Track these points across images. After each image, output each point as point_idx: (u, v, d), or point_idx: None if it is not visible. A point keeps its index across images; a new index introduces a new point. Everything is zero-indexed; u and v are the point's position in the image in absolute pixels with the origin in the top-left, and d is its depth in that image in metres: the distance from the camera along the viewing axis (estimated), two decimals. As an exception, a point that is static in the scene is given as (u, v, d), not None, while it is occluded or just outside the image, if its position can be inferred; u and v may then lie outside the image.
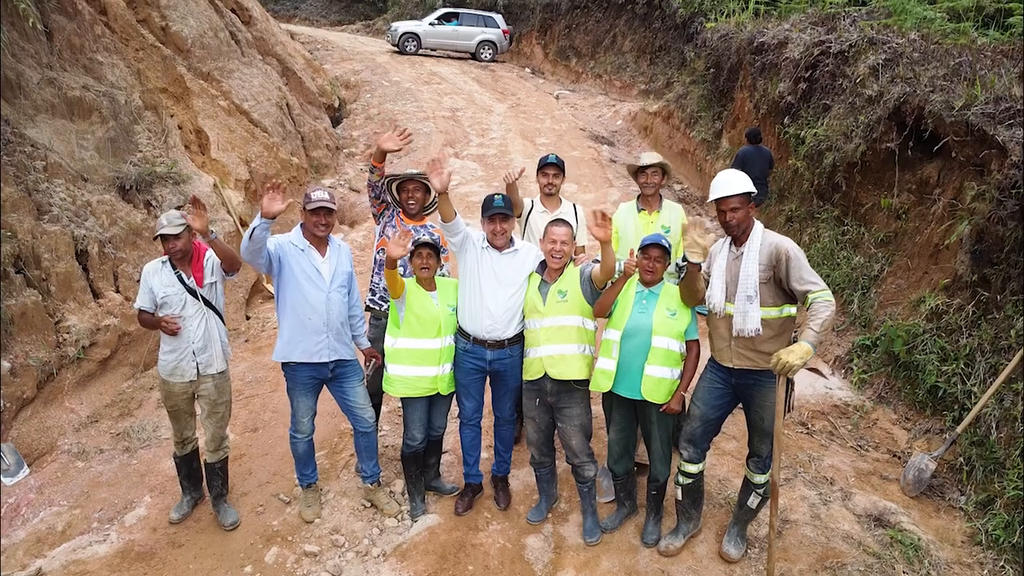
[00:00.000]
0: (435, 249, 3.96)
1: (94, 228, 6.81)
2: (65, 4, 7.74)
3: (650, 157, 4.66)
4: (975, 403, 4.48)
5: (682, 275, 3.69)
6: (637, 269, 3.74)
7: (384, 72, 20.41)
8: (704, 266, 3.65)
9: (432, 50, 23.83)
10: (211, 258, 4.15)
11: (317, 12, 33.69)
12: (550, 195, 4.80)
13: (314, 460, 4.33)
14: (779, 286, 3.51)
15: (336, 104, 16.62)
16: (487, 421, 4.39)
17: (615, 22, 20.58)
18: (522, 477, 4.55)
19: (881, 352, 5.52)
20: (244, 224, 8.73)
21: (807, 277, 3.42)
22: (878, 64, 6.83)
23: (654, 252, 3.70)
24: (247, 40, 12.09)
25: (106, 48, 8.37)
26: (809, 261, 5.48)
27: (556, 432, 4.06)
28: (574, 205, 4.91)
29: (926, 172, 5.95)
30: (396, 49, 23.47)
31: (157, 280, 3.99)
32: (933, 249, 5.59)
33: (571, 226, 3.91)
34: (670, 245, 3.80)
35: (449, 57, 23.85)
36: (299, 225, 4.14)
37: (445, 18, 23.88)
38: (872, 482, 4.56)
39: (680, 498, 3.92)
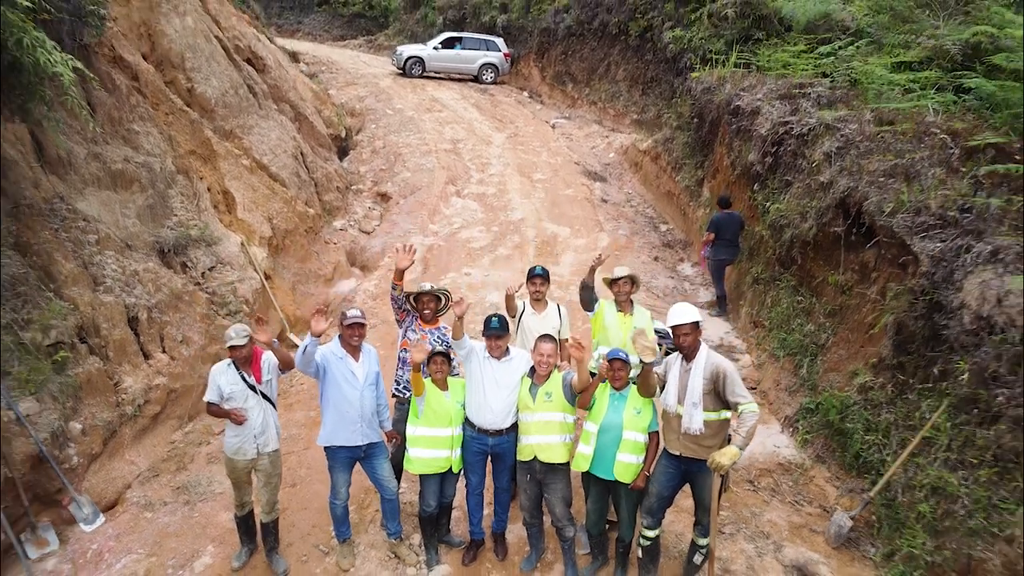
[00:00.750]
0: (447, 356, 4.96)
1: (142, 296, 7.76)
2: (105, 80, 8.59)
3: (621, 271, 5.64)
4: (887, 471, 5.49)
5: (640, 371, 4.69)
6: (608, 376, 4.75)
7: (388, 99, 21.34)
8: (660, 370, 4.67)
9: (436, 73, 24.74)
10: (268, 359, 5.13)
11: (320, 27, 34.58)
12: (538, 300, 5.78)
13: (348, 519, 5.34)
14: (718, 396, 4.51)
15: (343, 135, 17.54)
16: (488, 491, 5.41)
17: (609, 51, 21.43)
18: (516, 531, 5.56)
19: (821, 416, 6.53)
20: (268, 277, 9.71)
21: (739, 392, 4.42)
22: (832, 151, 7.81)
23: (617, 364, 4.71)
24: (263, 91, 13.03)
25: (140, 117, 9.28)
26: (769, 324, 6.64)
27: (543, 500, 5.06)
28: (558, 306, 5.89)
29: (865, 257, 6.95)
30: (401, 72, 24.40)
31: (224, 379, 4.98)
32: (868, 327, 6.59)
33: (555, 341, 4.92)
34: (627, 357, 4.79)
35: (450, 79, 24.77)
36: (338, 336, 5.09)
37: (448, 42, 24.77)
38: (803, 534, 5.58)
39: (641, 556, 4.95)
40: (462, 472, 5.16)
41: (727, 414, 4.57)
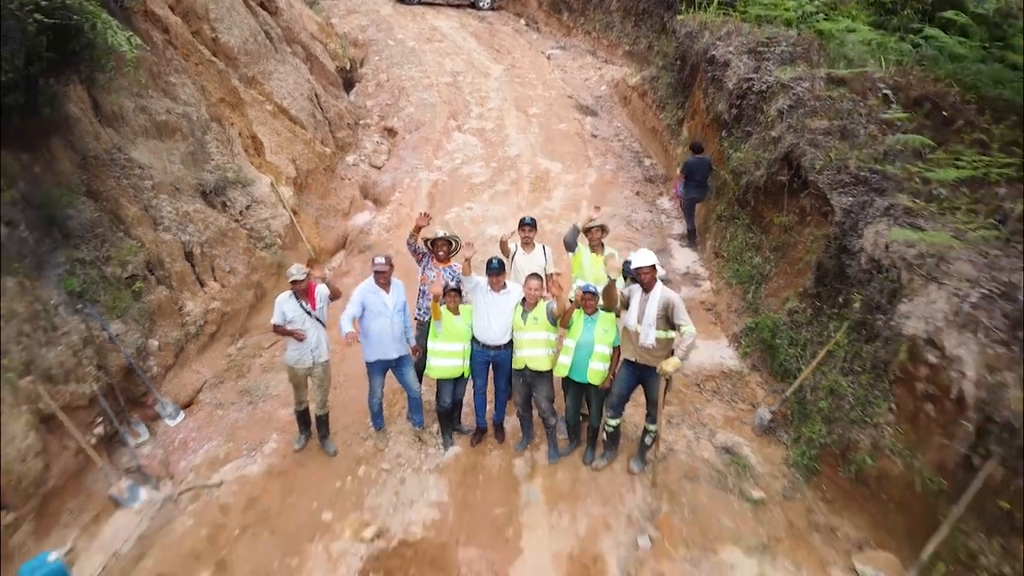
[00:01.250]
0: (458, 291, 6.43)
1: (194, 233, 9.14)
2: (145, 37, 9.66)
3: (596, 221, 7.03)
4: (800, 376, 7.07)
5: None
6: (581, 304, 6.24)
7: (389, 28, 22.01)
8: (625, 291, 6.15)
9: (433, 1, 25.17)
10: (321, 291, 6.59)
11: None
12: (527, 243, 7.19)
13: (382, 413, 6.93)
14: (667, 320, 5.99)
15: (347, 67, 18.42)
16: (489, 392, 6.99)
17: (603, -20, 21.98)
18: (512, 422, 7.17)
19: (759, 334, 8.06)
20: (295, 213, 11.04)
21: (683, 318, 5.90)
22: (784, 108, 9.05)
23: (588, 296, 6.19)
24: (278, 35, 13.97)
25: (176, 69, 10.40)
26: (727, 256, 8.14)
27: (532, 398, 6.64)
28: (544, 248, 7.31)
29: (803, 202, 8.32)
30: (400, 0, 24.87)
31: (287, 307, 6.45)
32: (799, 262, 8.04)
33: (541, 278, 6.38)
34: (596, 290, 6.26)
35: (448, 6, 25.22)
36: (372, 276, 6.49)
37: (445, -31, 25.12)
38: (734, 425, 7.20)
39: (605, 439, 6.58)
40: (470, 377, 6.71)
41: (673, 334, 6.07)
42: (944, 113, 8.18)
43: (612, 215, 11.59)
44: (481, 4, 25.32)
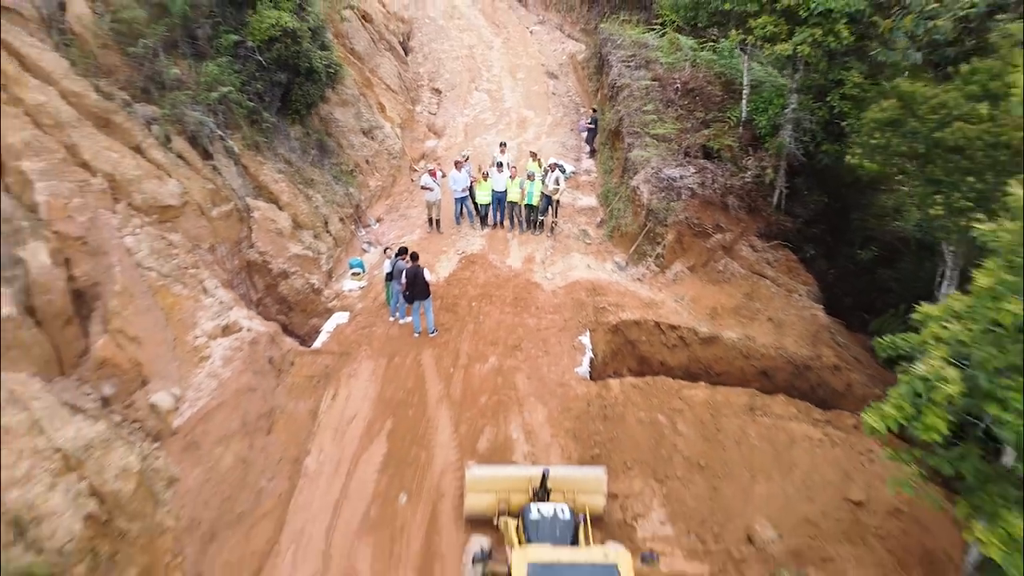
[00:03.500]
0: (485, 175, 18.38)
1: (367, 154, 21.04)
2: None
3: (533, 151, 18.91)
4: (614, 201, 19.11)
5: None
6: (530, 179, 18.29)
7: (422, 5, 32.91)
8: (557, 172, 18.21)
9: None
10: (435, 174, 18.58)
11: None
12: (503, 152, 19.09)
13: (460, 218, 18.99)
14: (556, 182, 17.99)
15: (401, 40, 29.62)
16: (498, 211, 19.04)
17: (569, -26, 32.71)
18: (507, 226, 19.27)
19: (604, 192, 20.00)
20: (400, 141, 22.74)
21: (561, 184, 17.91)
22: (625, 96, 20.69)
23: (531, 176, 18.19)
24: (376, 37, 25.28)
25: (346, 72, 22.06)
26: (600, 162, 20.69)
27: (515, 213, 18.63)
28: (508, 163, 19.25)
29: (625, 142, 20.12)
30: None
31: (426, 178, 18.37)
32: (619, 165, 19.91)
33: (515, 170, 18.44)
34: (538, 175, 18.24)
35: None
36: (454, 168, 18.43)
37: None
38: (588, 222, 19.29)
39: (538, 225, 18.72)
40: (491, 203, 18.68)
41: (558, 187, 18.04)
42: (701, 96, 19.85)
43: (557, 141, 23.35)
44: (480, -17, 35.90)
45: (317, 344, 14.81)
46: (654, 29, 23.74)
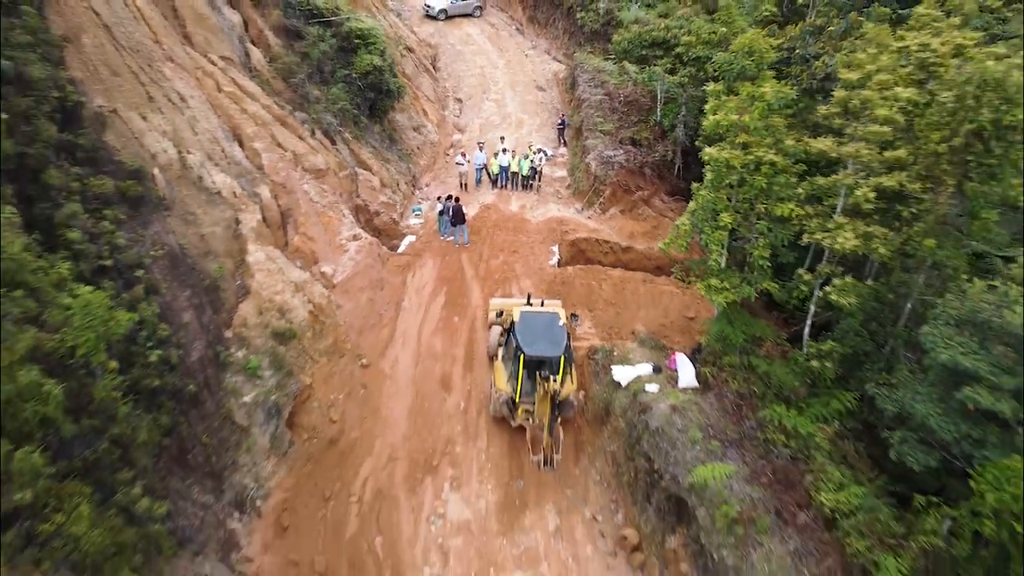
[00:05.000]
0: (495, 155, 29.17)
1: (420, 140, 31.92)
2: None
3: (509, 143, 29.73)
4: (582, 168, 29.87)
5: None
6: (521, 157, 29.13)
7: (444, 35, 43.67)
8: (541, 153, 29.05)
9: (451, 16, 46.15)
10: (465, 156, 29.40)
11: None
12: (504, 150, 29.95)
13: (479, 184, 29.76)
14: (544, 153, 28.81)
15: (431, 62, 40.37)
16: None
17: (556, 11, 43.39)
18: (509, 188, 30.03)
19: (573, 166, 30.71)
20: (437, 134, 33.49)
21: (543, 161, 28.73)
22: (587, 104, 31.45)
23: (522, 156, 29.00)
24: (417, 62, 36.03)
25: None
26: (572, 147, 32.33)
27: (512, 179, 29.38)
28: (512, 151, 30.13)
29: (584, 133, 30.87)
30: (432, 17, 45.87)
31: (462, 157, 29.11)
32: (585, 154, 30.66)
33: (514, 152, 29.29)
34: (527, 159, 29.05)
35: (462, 16, 46.32)
36: (478, 148, 29.20)
37: (458, -7, 46.24)
38: (562, 184, 30.04)
39: (526, 186, 29.48)
40: (500, 174, 29.40)
41: (543, 164, 28.80)
42: (635, 105, 30.53)
43: (543, 136, 34.06)
44: (475, 14, 46.54)
45: (400, 251, 25.63)
46: (611, 59, 34.36)
